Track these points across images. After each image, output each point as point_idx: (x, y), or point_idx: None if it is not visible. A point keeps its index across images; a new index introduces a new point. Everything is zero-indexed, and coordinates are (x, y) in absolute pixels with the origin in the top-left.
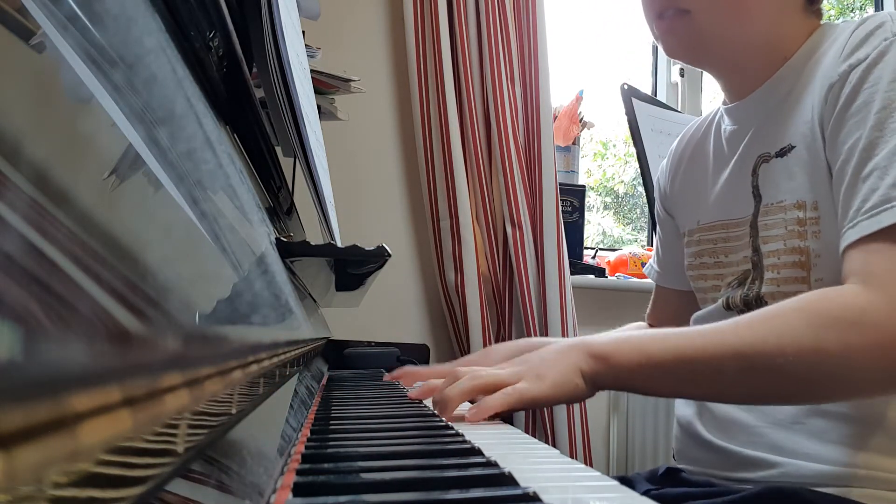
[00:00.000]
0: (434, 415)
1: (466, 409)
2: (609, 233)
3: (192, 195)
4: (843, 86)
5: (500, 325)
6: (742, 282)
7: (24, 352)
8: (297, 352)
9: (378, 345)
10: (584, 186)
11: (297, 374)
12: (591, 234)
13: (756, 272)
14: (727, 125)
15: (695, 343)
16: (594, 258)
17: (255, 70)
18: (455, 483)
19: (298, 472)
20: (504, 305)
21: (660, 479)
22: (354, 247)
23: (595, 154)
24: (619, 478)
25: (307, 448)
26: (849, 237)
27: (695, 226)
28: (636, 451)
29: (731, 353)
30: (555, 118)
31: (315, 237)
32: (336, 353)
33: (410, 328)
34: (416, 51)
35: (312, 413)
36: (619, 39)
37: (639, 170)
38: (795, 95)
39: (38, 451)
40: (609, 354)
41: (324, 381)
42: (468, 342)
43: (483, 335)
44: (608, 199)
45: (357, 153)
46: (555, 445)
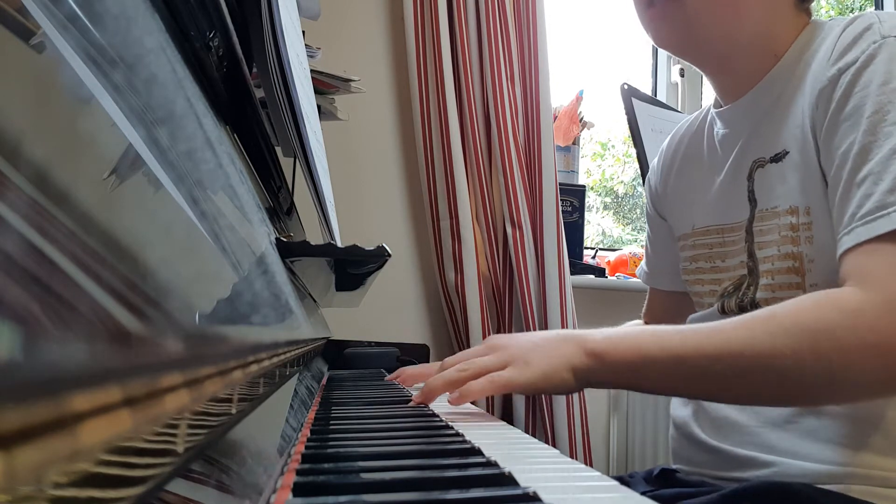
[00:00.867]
0: (434, 415)
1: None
2: (609, 233)
3: (193, 195)
4: (834, 90)
5: (500, 325)
6: (738, 287)
7: (24, 352)
8: (297, 352)
9: (378, 345)
10: (584, 186)
11: (297, 374)
12: (591, 234)
13: (752, 278)
14: (719, 128)
15: (690, 342)
16: (594, 258)
17: (255, 70)
18: (455, 483)
19: (298, 472)
20: (504, 305)
21: (654, 481)
22: (354, 247)
23: (594, 155)
24: (618, 478)
25: (307, 448)
26: (845, 243)
27: (690, 230)
28: (636, 451)
29: (727, 354)
30: (555, 118)
31: (315, 237)
32: (336, 353)
33: (410, 328)
34: (416, 51)
35: (312, 413)
36: (619, 39)
37: (638, 170)
38: (786, 98)
39: (38, 451)
40: (604, 352)
41: (324, 381)
42: (468, 342)
43: (483, 335)
44: (608, 199)
45: (357, 153)
46: (555, 445)
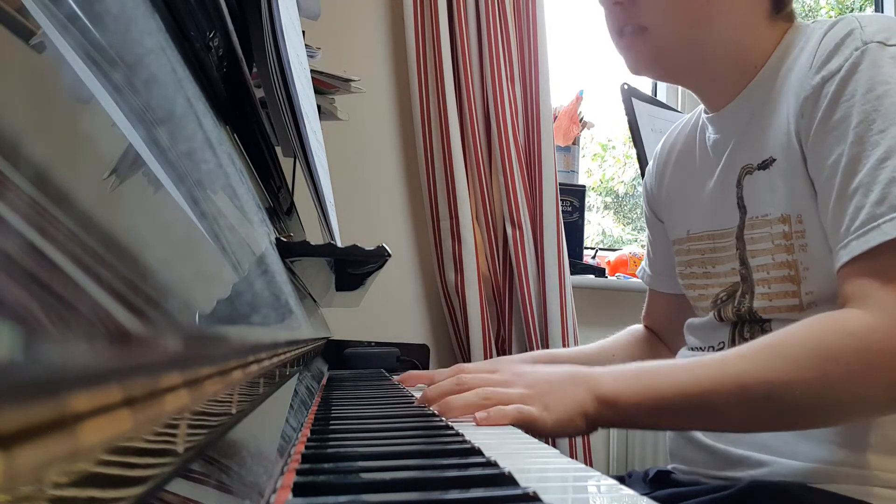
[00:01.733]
0: (434, 415)
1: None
2: (609, 233)
3: (192, 195)
4: (819, 99)
5: (500, 325)
6: (731, 294)
7: (24, 352)
8: (297, 352)
9: (378, 345)
10: (584, 186)
11: (297, 374)
12: (591, 234)
13: (746, 285)
14: (710, 133)
15: (702, 379)
16: (594, 258)
17: (255, 70)
18: (455, 483)
19: (298, 472)
20: (504, 305)
21: (650, 483)
22: (354, 247)
23: (594, 156)
24: (619, 477)
25: (307, 448)
26: (841, 258)
27: (685, 234)
28: (636, 451)
29: (737, 389)
30: (555, 118)
31: (315, 237)
32: (336, 353)
33: (410, 328)
34: (416, 51)
35: (312, 413)
36: None
37: (638, 170)
38: (771, 104)
39: (38, 451)
40: (616, 398)
41: (324, 381)
42: (468, 342)
43: (483, 335)
44: (608, 199)
45: (357, 153)
46: (555, 445)
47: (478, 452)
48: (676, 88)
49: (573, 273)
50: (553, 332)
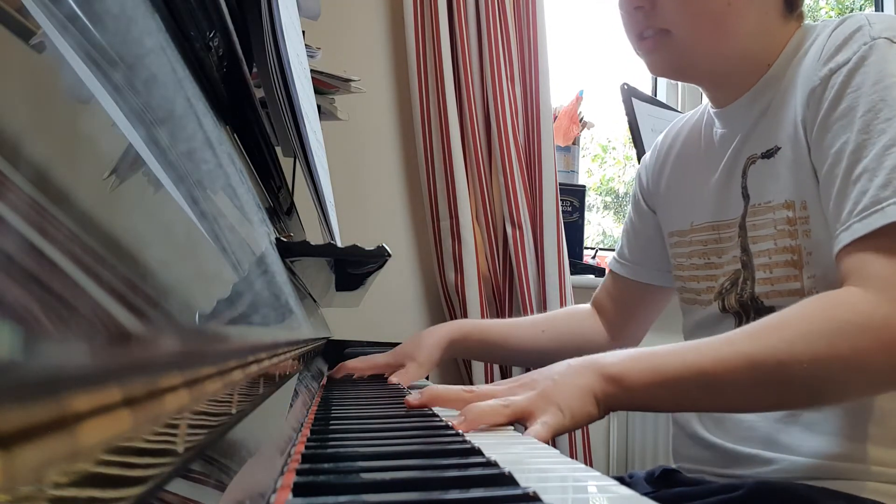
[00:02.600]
0: (434, 415)
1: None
2: (609, 233)
3: (192, 195)
4: (826, 90)
5: None
6: (734, 282)
7: (24, 352)
8: (297, 352)
9: (378, 345)
10: (584, 186)
11: (297, 374)
12: (591, 234)
13: (747, 272)
14: (718, 128)
15: (708, 356)
16: (594, 258)
17: (255, 70)
18: (455, 483)
19: (298, 472)
20: (504, 305)
21: (656, 481)
22: (354, 247)
23: (594, 157)
24: (619, 478)
25: (307, 448)
26: (842, 240)
27: (688, 227)
28: (636, 451)
29: (745, 365)
30: (555, 118)
31: (315, 237)
32: (336, 353)
33: (410, 328)
34: (416, 51)
35: (312, 413)
36: (620, 39)
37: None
38: (780, 99)
39: (38, 451)
40: (622, 375)
41: (324, 381)
42: None
43: None
44: (608, 199)
45: (357, 153)
46: (555, 445)
47: (478, 452)
48: (676, 88)
49: (573, 273)
50: None
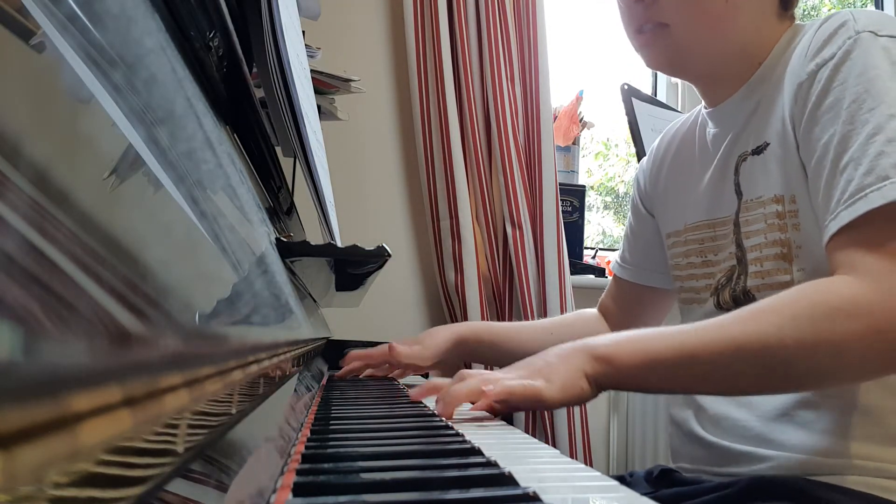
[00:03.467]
0: (434, 415)
1: (465, 410)
2: (609, 233)
3: (192, 195)
4: (812, 84)
5: None
6: (729, 278)
7: (24, 352)
8: (297, 352)
9: (378, 345)
10: (584, 186)
11: (297, 374)
12: (591, 234)
13: (741, 267)
14: (710, 128)
15: (696, 339)
16: (594, 258)
17: (255, 70)
18: (455, 483)
19: (298, 472)
20: (504, 305)
21: (655, 481)
22: (354, 247)
23: (597, 154)
24: (619, 477)
25: (307, 448)
26: (830, 229)
27: (682, 227)
28: (636, 451)
29: (733, 347)
30: (555, 118)
31: (315, 237)
32: (336, 353)
33: (410, 328)
34: (416, 51)
35: (312, 413)
36: (620, 39)
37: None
38: (769, 96)
39: (38, 451)
40: (612, 355)
41: (324, 381)
42: None
43: None
44: (608, 199)
45: (357, 153)
46: (555, 445)
47: (478, 452)
48: (676, 88)
49: (573, 273)
50: None
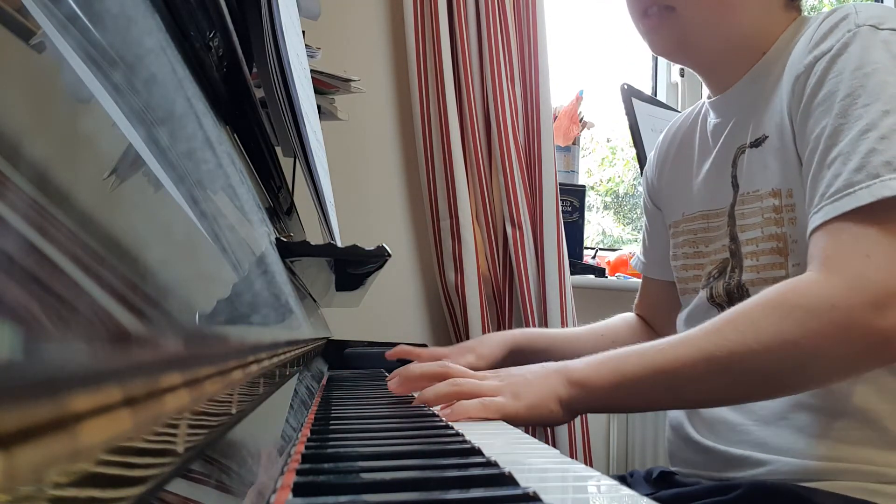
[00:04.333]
0: (434, 415)
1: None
2: (609, 233)
3: (192, 195)
4: (809, 77)
5: (500, 325)
6: (722, 271)
7: (24, 352)
8: (297, 352)
9: (378, 345)
10: (584, 186)
11: (297, 374)
12: (591, 234)
13: (735, 260)
14: (712, 118)
15: (667, 354)
16: (594, 258)
17: (255, 70)
18: (455, 483)
19: (298, 472)
20: (504, 305)
21: (654, 482)
22: (354, 247)
23: (603, 159)
24: (619, 477)
25: (307, 448)
26: (813, 222)
27: (680, 217)
28: (636, 451)
29: (703, 359)
30: (555, 118)
31: (315, 237)
32: (336, 353)
33: (410, 328)
34: (416, 51)
35: (312, 413)
36: (619, 39)
37: (638, 170)
38: (770, 87)
39: (38, 451)
40: (586, 379)
41: (324, 381)
42: None
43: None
44: (608, 199)
45: (357, 153)
46: (555, 445)
47: (478, 452)
48: (676, 88)
49: (573, 273)
50: None
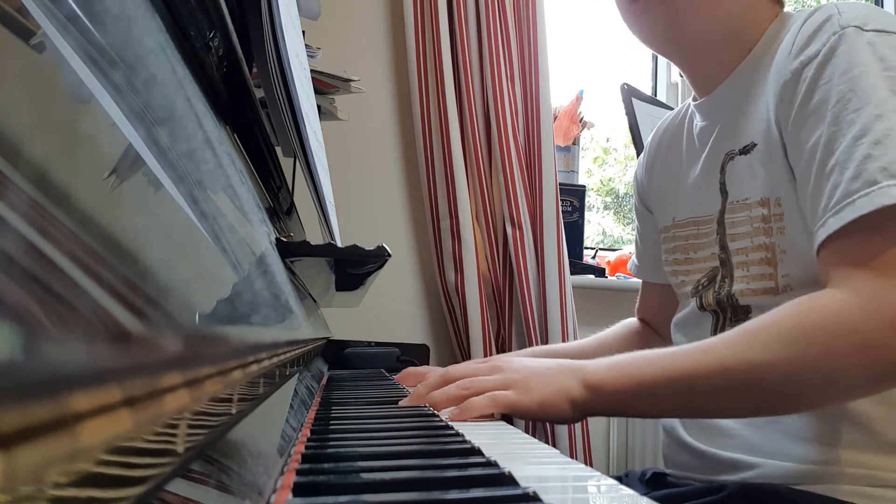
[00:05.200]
0: (434, 415)
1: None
2: (609, 233)
3: (192, 195)
4: (798, 84)
5: (500, 325)
6: (712, 280)
7: (24, 352)
8: (297, 352)
9: (378, 345)
10: (584, 186)
11: (297, 374)
12: (591, 234)
13: (725, 269)
14: (698, 121)
15: (684, 364)
16: (594, 258)
17: (255, 70)
18: (455, 483)
19: (298, 472)
20: (504, 305)
21: (647, 483)
22: (354, 247)
23: (595, 159)
24: (616, 478)
25: (307, 448)
26: (819, 237)
27: (670, 222)
28: (636, 451)
29: (719, 371)
30: (555, 118)
31: (315, 237)
32: (336, 353)
33: (410, 328)
34: (416, 51)
35: (312, 413)
36: (619, 39)
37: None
38: (755, 90)
39: (38, 451)
40: (602, 384)
41: (324, 381)
42: (468, 342)
43: (483, 335)
44: (608, 199)
45: (357, 153)
46: (555, 445)
47: (478, 452)
48: (676, 88)
49: (573, 273)
50: (553, 332)
